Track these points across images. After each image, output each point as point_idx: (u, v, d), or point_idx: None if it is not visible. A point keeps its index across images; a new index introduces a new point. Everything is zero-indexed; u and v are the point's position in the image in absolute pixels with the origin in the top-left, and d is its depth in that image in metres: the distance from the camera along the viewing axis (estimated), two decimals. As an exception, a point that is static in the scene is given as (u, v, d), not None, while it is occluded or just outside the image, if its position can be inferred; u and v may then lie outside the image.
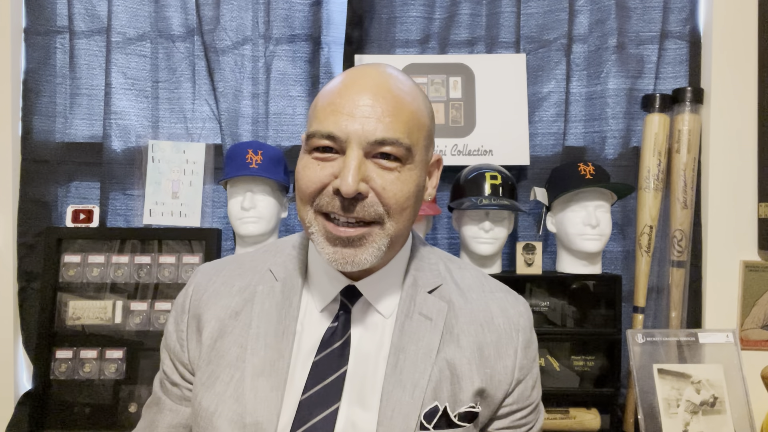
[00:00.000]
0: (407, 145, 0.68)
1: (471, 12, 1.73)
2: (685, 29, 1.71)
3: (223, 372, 0.73)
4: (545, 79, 1.73)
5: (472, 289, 0.80)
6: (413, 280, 0.78)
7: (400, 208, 0.69)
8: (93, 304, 1.57)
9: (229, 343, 0.75)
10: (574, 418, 1.53)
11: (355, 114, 0.66)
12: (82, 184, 1.71)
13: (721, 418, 1.33)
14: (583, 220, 1.51)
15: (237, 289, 0.78)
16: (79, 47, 1.69)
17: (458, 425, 0.72)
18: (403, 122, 0.68)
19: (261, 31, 1.71)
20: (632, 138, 1.73)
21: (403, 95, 0.70)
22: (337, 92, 0.69)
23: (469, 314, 0.77)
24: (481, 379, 0.74)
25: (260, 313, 0.75)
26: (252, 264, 0.82)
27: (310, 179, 0.69)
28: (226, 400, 0.72)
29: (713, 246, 1.66)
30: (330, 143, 0.67)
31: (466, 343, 0.75)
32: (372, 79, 0.70)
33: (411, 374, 0.71)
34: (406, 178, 0.69)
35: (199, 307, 0.78)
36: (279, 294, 0.77)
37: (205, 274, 0.82)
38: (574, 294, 1.61)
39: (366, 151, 0.67)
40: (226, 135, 1.69)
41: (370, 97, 0.67)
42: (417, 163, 0.71)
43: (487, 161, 1.64)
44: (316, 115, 0.70)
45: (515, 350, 0.77)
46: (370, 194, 0.67)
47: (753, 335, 1.63)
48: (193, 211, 1.69)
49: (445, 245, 1.74)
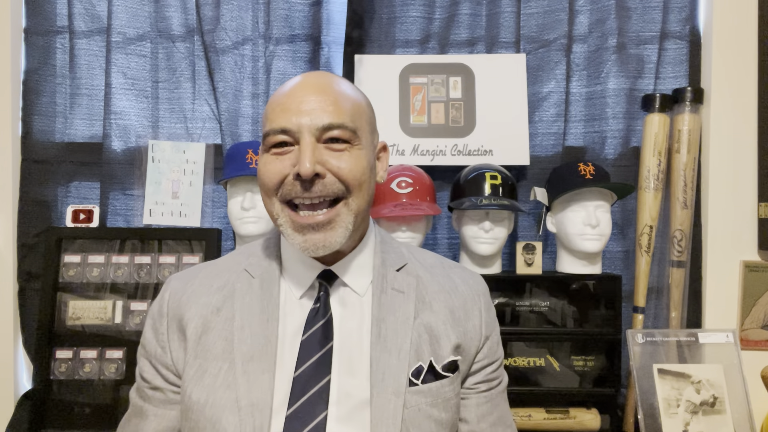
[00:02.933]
0: (352, 128, 0.77)
1: (471, 12, 1.73)
2: (685, 29, 1.71)
3: (211, 365, 0.77)
4: (545, 79, 1.73)
5: (434, 266, 0.90)
6: (381, 261, 0.85)
7: (358, 182, 0.77)
8: (93, 304, 1.57)
9: (214, 338, 0.79)
10: (574, 418, 1.53)
11: (302, 109, 0.75)
12: (82, 184, 1.71)
13: (721, 418, 1.33)
14: (583, 220, 1.51)
15: (216, 288, 0.83)
16: (79, 47, 1.69)
17: (444, 375, 0.80)
18: (346, 109, 0.77)
19: (261, 31, 1.71)
20: (632, 138, 1.73)
21: (342, 89, 0.80)
22: (285, 95, 0.78)
23: (436, 285, 0.86)
24: (456, 335, 0.83)
25: (242, 307, 0.80)
26: (226, 266, 0.87)
27: (271, 172, 0.77)
28: (216, 390, 0.75)
29: (713, 246, 1.66)
30: (284, 137, 0.76)
31: (438, 308, 0.83)
32: (314, 80, 0.80)
33: (394, 340, 0.78)
34: (357, 156, 0.78)
35: (179, 309, 0.82)
36: (258, 289, 0.82)
37: (179, 280, 0.87)
38: (574, 294, 1.61)
39: (317, 137, 0.75)
40: (226, 135, 1.69)
41: (313, 93, 0.77)
42: (364, 145, 0.80)
43: (487, 161, 1.64)
44: (268, 117, 0.78)
45: (480, 311, 0.87)
46: (327, 175, 0.75)
47: (753, 335, 1.63)
48: (193, 211, 1.69)
49: (445, 245, 1.74)
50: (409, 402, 0.76)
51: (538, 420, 1.52)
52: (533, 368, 1.58)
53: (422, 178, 1.52)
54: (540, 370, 1.58)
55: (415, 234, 1.49)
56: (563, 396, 1.56)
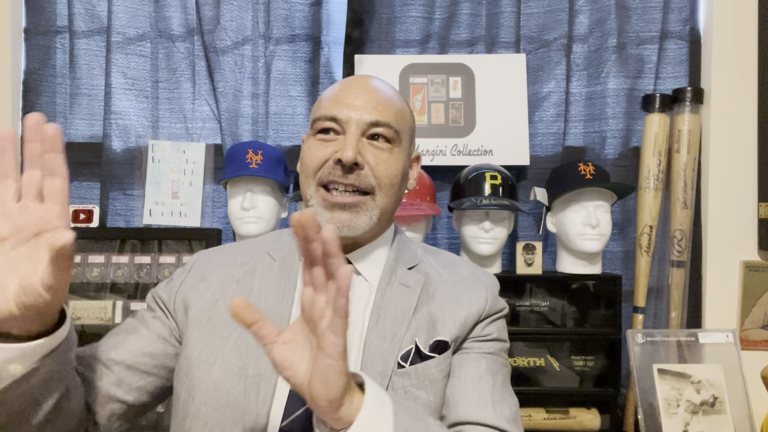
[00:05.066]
0: (396, 128, 0.82)
1: (471, 12, 1.73)
2: (685, 29, 1.71)
3: (223, 328, 0.80)
4: (545, 79, 1.73)
5: (446, 266, 0.91)
6: (395, 257, 0.88)
7: (390, 182, 0.82)
8: (93, 304, 1.57)
9: (229, 304, 0.80)
10: (574, 418, 1.53)
11: (353, 104, 0.81)
12: (82, 184, 1.71)
13: (721, 418, 1.33)
14: (583, 220, 1.51)
15: (239, 262, 0.87)
16: (79, 47, 1.69)
17: (430, 356, 0.80)
18: (392, 112, 0.83)
19: (261, 31, 1.71)
20: (632, 138, 1.73)
21: (391, 96, 0.86)
22: (339, 89, 0.85)
23: (443, 279, 0.88)
24: (452, 319, 0.83)
25: (260, 284, 0.84)
26: (251, 247, 0.92)
27: (314, 155, 0.81)
28: (227, 354, 0.78)
29: (713, 246, 1.66)
30: (332, 125, 0.81)
31: (440, 297, 0.85)
32: (367, 83, 0.86)
33: (390, 327, 0.80)
34: (395, 158, 0.82)
35: (203, 270, 0.86)
36: (278, 270, 0.85)
37: (206, 253, 0.92)
38: (574, 294, 1.61)
39: (362, 131, 0.80)
40: (226, 135, 1.69)
41: (365, 93, 0.83)
42: (403, 148, 0.84)
43: (487, 161, 1.64)
44: (321, 105, 0.84)
45: (485, 296, 0.86)
46: (365, 167, 0.80)
47: (753, 335, 1.63)
48: (193, 211, 1.69)
49: (445, 245, 1.74)
50: (395, 384, 0.77)
51: (538, 420, 1.52)
52: (533, 368, 1.58)
53: (422, 178, 1.52)
54: (540, 370, 1.58)
55: (415, 234, 1.49)
56: (563, 396, 1.56)
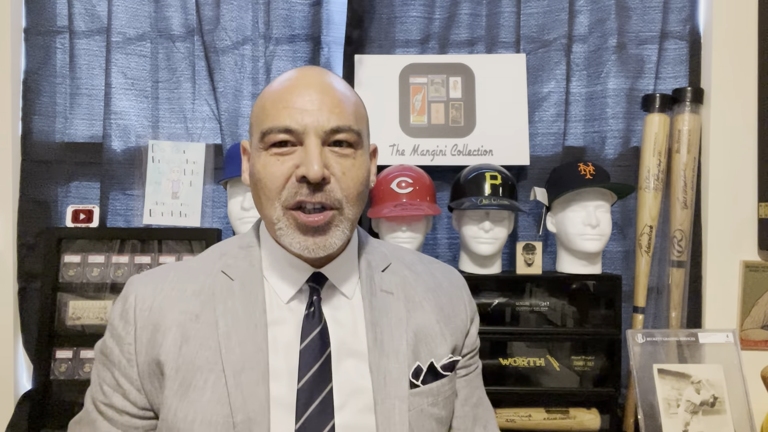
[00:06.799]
0: (357, 130, 0.74)
1: (471, 12, 1.73)
2: (685, 29, 1.71)
3: (195, 377, 0.71)
4: (545, 79, 1.73)
5: (415, 263, 0.89)
6: (367, 263, 0.84)
7: (357, 192, 0.75)
8: (93, 304, 1.57)
9: (195, 347, 0.73)
10: (574, 418, 1.53)
11: (307, 107, 0.71)
12: (82, 184, 1.71)
13: (721, 418, 1.33)
14: (583, 220, 1.51)
15: (191, 293, 0.77)
16: (79, 47, 1.69)
17: (443, 375, 0.80)
18: (351, 112, 0.74)
19: (261, 31, 1.71)
20: (632, 138, 1.73)
21: (343, 90, 0.76)
22: (284, 91, 0.74)
23: (423, 284, 0.86)
24: (450, 333, 0.84)
25: (224, 313, 0.75)
26: (198, 268, 0.81)
27: (273, 174, 0.72)
28: (205, 405, 0.70)
29: (713, 246, 1.66)
30: (287, 137, 0.71)
31: (429, 308, 0.83)
32: (314, 78, 0.75)
33: (390, 343, 0.77)
34: (360, 163, 0.75)
35: (151, 317, 0.75)
36: (239, 292, 0.77)
37: (144, 285, 0.79)
38: (574, 294, 1.61)
39: (322, 139, 0.72)
40: (226, 135, 1.69)
41: (316, 92, 0.73)
42: (365, 149, 0.78)
43: (487, 161, 1.64)
44: (268, 114, 0.73)
45: (464, 304, 0.89)
46: (332, 180, 0.72)
47: (753, 335, 1.63)
48: (193, 211, 1.69)
49: (445, 245, 1.74)
50: (412, 404, 0.76)
51: (538, 420, 1.52)
52: (533, 368, 1.58)
53: (422, 178, 1.52)
54: (540, 370, 1.58)
55: (415, 234, 1.49)
56: (563, 396, 1.56)
